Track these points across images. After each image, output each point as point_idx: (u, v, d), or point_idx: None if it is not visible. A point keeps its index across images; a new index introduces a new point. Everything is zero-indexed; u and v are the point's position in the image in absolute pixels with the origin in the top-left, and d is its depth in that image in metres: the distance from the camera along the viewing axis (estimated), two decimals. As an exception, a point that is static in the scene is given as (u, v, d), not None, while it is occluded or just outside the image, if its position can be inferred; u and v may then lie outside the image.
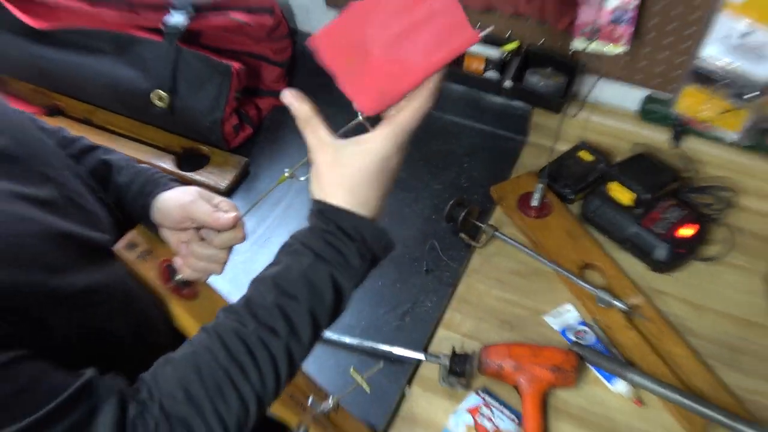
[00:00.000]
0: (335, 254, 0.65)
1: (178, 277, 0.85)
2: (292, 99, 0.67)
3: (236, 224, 0.80)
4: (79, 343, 0.65)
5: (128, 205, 0.86)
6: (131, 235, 0.85)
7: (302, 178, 0.75)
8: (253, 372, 0.63)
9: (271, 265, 0.67)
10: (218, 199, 0.82)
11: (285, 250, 0.67)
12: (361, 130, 0.69)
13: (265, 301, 0.64)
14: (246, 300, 0.66)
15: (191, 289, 0.87)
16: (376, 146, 0.66)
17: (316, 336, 0.66)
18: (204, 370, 0.63)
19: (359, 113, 0.69)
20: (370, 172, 0.66)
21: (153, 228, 0.86)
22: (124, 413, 0.60)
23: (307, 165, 0.71)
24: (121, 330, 0.72)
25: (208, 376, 0.63)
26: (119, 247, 0.82)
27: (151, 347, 0.70)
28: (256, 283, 0.66)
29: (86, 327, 0.67)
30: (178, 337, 0.84)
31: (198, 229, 0.84)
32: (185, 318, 0.84)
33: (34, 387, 0.57)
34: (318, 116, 0.67)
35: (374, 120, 0.69)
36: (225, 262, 0.84)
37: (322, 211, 0.66)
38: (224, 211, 0.80)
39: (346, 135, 0.71)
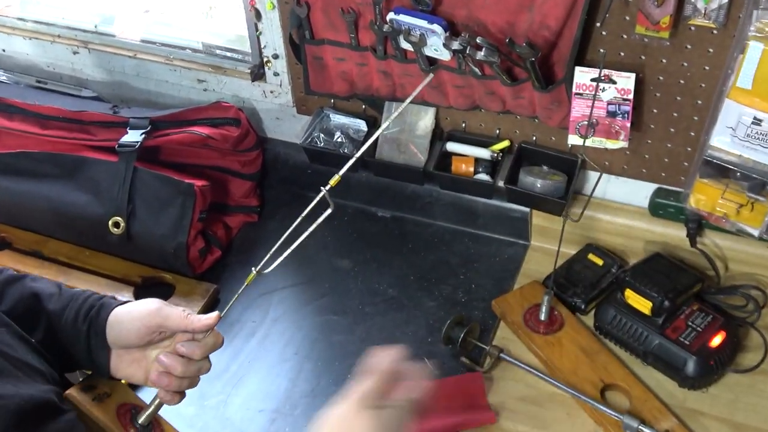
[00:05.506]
0: None
1: (141, 419, 0.84)
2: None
3: (214, 327, 0.81)
4: None
5: (65, 333, 0.84)
6: (90, 376, 0.86)
7: (268, 270, 0.80)
8: None
9: None
10: (181, 308, 0.84)
11: None
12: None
13: None
14: None
15: None
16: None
17: None
18: None
19: (321, 188, 0.80)
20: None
21: (98, 359, 0.85)
22: None
23: (273, 259, 0.79)
24: None
25: None
26: (72, 391, 0.82)
27: None
28: None
29: None
30: None
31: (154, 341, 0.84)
32: None
33: None
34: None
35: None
36: (206, 371, 0.85)
37: None
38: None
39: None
